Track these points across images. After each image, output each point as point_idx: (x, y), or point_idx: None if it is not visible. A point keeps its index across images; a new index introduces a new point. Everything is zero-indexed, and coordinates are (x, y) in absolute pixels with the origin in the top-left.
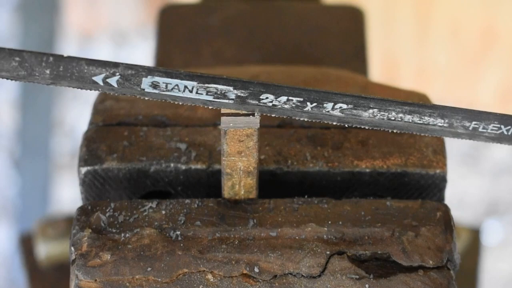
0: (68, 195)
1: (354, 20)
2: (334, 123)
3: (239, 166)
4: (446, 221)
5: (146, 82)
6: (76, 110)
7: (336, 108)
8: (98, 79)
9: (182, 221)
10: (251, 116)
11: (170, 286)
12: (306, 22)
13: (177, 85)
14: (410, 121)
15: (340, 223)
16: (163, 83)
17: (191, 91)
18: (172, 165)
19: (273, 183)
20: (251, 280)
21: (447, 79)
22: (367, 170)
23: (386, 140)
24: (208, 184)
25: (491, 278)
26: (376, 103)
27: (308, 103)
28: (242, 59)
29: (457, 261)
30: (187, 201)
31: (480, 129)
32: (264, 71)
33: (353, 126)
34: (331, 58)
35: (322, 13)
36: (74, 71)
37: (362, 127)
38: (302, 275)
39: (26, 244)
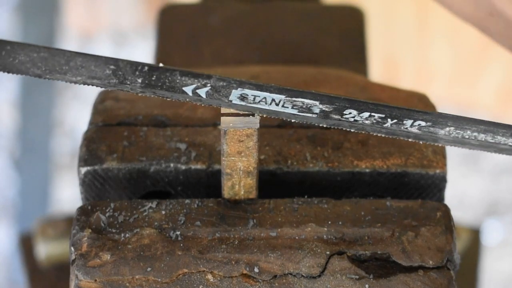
0: (68, 195)
1: (354, 20)
2: (410, 140)
3: (239, 166)
4: (446, 221)
5: (235, 94)
6: (76, 110)
7: (415, 125)
8: (188, 89)
9: (182, 221)
10: (250, 116)
11: (170, 286)
12: (306, 22)
13: (265, 98)
14: (483, 140)
15: (340, 223)
16: (252, 95)
17: (277, 104)
18: (172, 165)
19: (273, 183)
20: (251, 280)
21: (447, 79)
22: (367, 170)
23: (386, 140)
24: (208, 184)
25: (491, 278)
26: (454, 122)
27: (389, 120)
28: (242, 59)
29: (457, 261)
30: (187, 201)
31: None
32: (264, 71)
33: (427, 142)
34: (331, 58)
35: (322, 13)
36: (166, 81)
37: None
38: (302, 275)
39: (26, 244)
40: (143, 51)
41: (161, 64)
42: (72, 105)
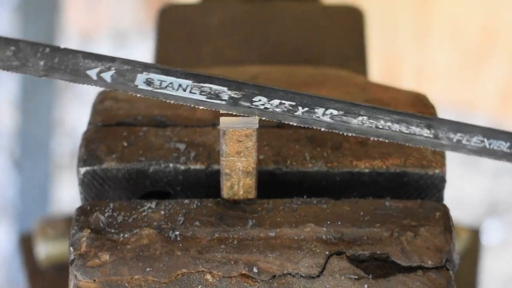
0: (68, 195)
1: (354, 20)
2: (322, 129)
3: (238, 166)
4: (445, 221)
5: (140, 79)
6: (76, 110)
7: (327, 114)
8: (92, 73)
9: (181, 221)
10: (250, 117)
11: (169, 286)
12: (306, 22)
13: (171, 83)
14: (397, 130)
15: (339, 223)
16: (158, 80)
17: (184, 90)
18: (171, 165)
19: (272, 183)
20: (250, 280)
21: (447, 79)
22: (366, 170)
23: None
24: (207, 185)
25: (491, 278)
26: (367, 111)
27: (300, 108)
28: (242, 59)
29: (456, 261)
30: (186, 201)
31: (464, 142)
32: (264, 71)
33: (340, 133)
34: (331, 58)
35: (321, 13)
36: (69, 63)
37: (349, 134)
38: (301, 275)
39: (26, 244)
40: (143, 51)
41: (62, 46)
42: (72, 105)
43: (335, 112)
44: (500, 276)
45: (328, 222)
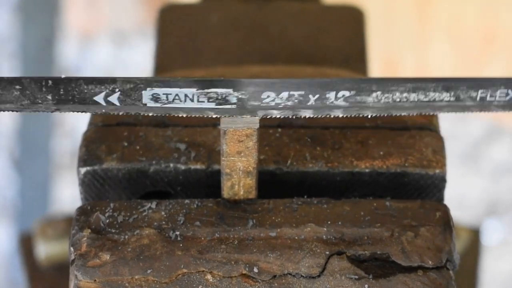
0: (68, 195)
1: (354, 20)
2: (340, 115)
3: (238, 166)
4: (446, 221)
5: (147, 96)
6: None
7: (339, 97)
8: (100, 98)
9: (182, 221)
10: (250, 117)
11: (170, 287)
12: (306, 22)
13: (177, 94)
14: (417, 100)
15: (340, 223)
16: (163, 94)
17: (192, 100)
18: (171, 165)
19: (272, 183)
20: (250, 280)
21: None
22: (367, 170)
23: (385, 140)
24: (207, 184)
25: (491, 278)
26: (378, 85)
27: (311, 96)
28: (242, 59)
29: (457, 261)
30: (187, 201)
31: (488, 98)
32: (264, 71)
33: (360, 116)
34: (331, 58)
35: (322, 13)
36: (75, 92)
37: (371, 115)
38: (302, 275)
39: (26, 244)
40: (143, 51)
41: (63, 76)
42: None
43: (347, 93)
44: (500, 276)
45: (329, 222)
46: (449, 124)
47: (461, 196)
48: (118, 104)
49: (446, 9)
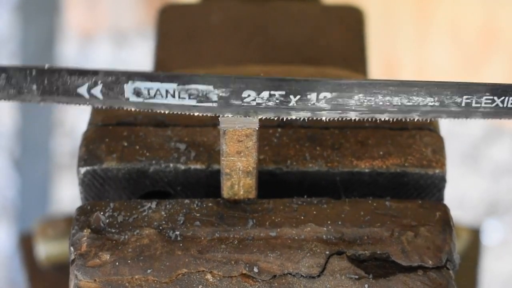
0: (68, 195)
1: (354, 20)
2: (324, 119)
3: (238, 166)
4: (446, 221)
5: (129, 90)
6: (76, 110)
7: (321, 99)
8: (83, 90)
9: (182, 221)
10: (250, 117)
11: (170, 286)
12: (306, 22)
13: (158, 89)
14: (400, 104)
15: (340, 223)
16: (145, 88)
17: (173, 96)
18: (171, 165)
19: (272, 183)
20: (250, 280)
21: (447, 79)
22: (367, 170)
23: (385, 140)
24: (207, 184)
25: (491, 278)
26: (360, 87)
27: (292, 97)
28: (242, 59)
29: (457, 261)
30: (187, 201)
31: (474, 104)
32: (264, 71)
33: (343, 119)
34: (331, 58)
35: (322, 13)
36: (59, 83)
37: (355, 119)
38: (302, 275)
39: (26, 244)
40: (143, 51)
41: (47, 66)
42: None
43: (328, 95)
44: (500, 276)
45: (329, 222)
46: (449, 124)
47: (461, 196)
48: (101, 97)
49: (446, 9)
